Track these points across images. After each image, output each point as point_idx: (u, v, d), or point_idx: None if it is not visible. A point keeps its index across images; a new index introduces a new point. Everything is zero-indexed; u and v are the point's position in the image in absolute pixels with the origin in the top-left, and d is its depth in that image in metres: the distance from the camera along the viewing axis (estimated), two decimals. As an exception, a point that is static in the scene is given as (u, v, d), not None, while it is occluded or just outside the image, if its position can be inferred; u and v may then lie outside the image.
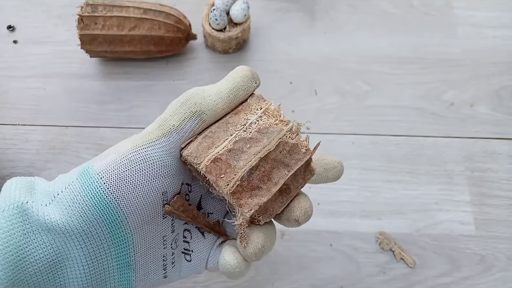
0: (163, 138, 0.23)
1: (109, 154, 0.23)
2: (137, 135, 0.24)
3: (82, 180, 0.22)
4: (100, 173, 0.22)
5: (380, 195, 0.41)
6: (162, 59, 0.47)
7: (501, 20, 0.50)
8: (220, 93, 0.24)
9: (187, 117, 0.23)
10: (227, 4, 0.44)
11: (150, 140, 0.23)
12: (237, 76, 0.24)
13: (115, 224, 0.22)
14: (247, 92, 0.24)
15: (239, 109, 0.24)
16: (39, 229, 0.21)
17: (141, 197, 0.22)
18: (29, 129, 0.43)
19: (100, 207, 0.22)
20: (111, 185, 0.22)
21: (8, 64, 0.46)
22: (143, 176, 0.22)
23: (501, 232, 0.40)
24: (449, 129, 0.44)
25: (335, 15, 0.50)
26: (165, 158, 0.23)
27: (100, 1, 0.42)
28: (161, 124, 0.23)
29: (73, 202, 0.21)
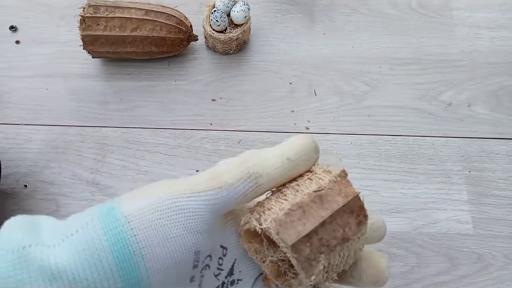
0: (210, 192, 0.20)
1: (141, 196, 0.19)
2: (180, 181, 0.20)
3: (105, 221, 0.18)
4: (129, 216, 0.18)
5: (379, 194, 0.42)
6: (164, 60, 0.47)
7: (498, 21, 0.50)
8: (280, 157, 0.21)
9: (243, 177, 0.21)
10: (227, 6, 0.44)
11: (195, 190, 0.20)
12: (298, 144, 0.22)
13: (134, 281, 0.18)
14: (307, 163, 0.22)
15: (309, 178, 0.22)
16: (40, 277, 0.17)
17: (172, 253, 0.19)
18: (32, 128, 0.44)
19: (122, 257, 0.18)
20: (140, 233, 0.18)
21: (10, 65, 0.47)
22: (179, 229, 0.19)
23: (498, 231, 0.41)
24: (447, 129, 0.45)
25: (334, 16, 0.50)
26: (206, 214, 0.20)
27: (102, 2, 0.43)
28: (213, 177, 0.20)
29: (90, 246, 0.17)
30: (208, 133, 0.44)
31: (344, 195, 0.21)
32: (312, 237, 0.20)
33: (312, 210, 0.20)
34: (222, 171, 0.21)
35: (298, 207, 0.20)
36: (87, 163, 0.42)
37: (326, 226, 0.20)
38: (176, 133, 0.44)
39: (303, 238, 0.19)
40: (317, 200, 0.20)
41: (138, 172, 0.42)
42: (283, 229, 0.19)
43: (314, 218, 0.20)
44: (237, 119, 0.45)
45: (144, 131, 0.44)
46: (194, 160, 0.43)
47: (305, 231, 0.19)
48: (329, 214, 0.20)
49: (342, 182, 0.21)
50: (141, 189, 0.20)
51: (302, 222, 0.20)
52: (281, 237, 0.19)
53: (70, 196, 0.41)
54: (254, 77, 0.47)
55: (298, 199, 0.20)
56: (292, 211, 0.20)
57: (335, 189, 0.21)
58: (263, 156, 0.21)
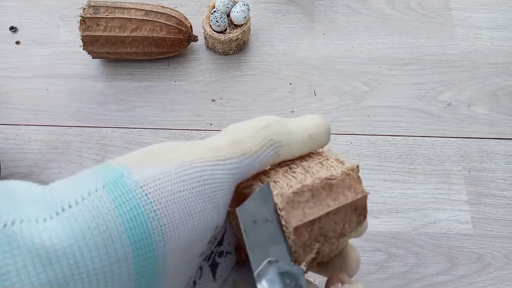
0: (235, 159, 0.18)
1: (154, 161, 0.16)
2: (199, 145, 0.18)
3: (114, 192, 0.15)
4: (145, 187, 0.15)
5: (378, 194, 0.42)
6: (164, 60, 0.47)
7: (498, 21, 0.50)
8: (304, 132, 0.20)
9: (265, 144, 0.19)
10: (227, 6, 0.44)
11: (219, 157, 0.18)
12: (321, 125, 0.21)
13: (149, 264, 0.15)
14: (322, 145, 0.22)
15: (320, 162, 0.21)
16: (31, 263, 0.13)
17: (195, 230, 0.16)
18: (32, 129, 0.44)
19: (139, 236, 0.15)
20: (161, 207, 0.15)
21: (10, 65, 0.47)
22: (204, 203, 0.16)
23: (498, 231, 0.41)
24: (447, 129, 0.45)
25: (334, 16, 0.50)
26: (231, 185, 0.18)
27: (102, 3, 0.43)
28: (236, 142, 0.18)
29: (97, 222, 0.14)
30: (208, 133, 0.44)
31: (354, 191, 0.20)
32: (314, 223, 0.19)
33: (320, 197, 0.19)
34: (245, 136, 0.19)
35: (308, 189, 0.19)
36: (87, 163, 0.42)
37: (330, 217, 0.20)
38: (176, 134, 0.44)
39: (307, 223, 0.19)
40: (327, 188, 0.20)
41: (138, 172, 0.42)
42: (289, 207, 0.18)
43: (322, 205, 0.19)
44: (237, 119, 0.45)
45: (144, 131, 0.44)
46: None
47: (311, 216, 0.19)
48: (336, 206, 0.20)
49: (354, 177, 0.21)
50: (147, 150, 0.17)
51: (309, 205, 0.19)
52: (286, 216, 0.18)
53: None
54: (254, 78, 0.47)
55: (309, 181, 0.19)
56: (301, 192, 0.19)
57: (346, 182, 0.20)
58: (287, 126, 0.20)
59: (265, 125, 0.19)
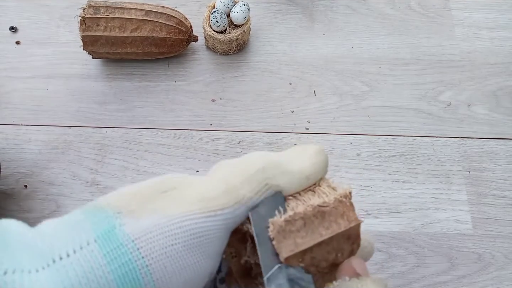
0: (227, 209, 0.17)
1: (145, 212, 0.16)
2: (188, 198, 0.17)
3: (106, 246, 0.15)
4: (137, 241, 0.15)
5: (378, 194, 0.42)
6: (164, 60, 0.47)
7: (498, 21, 0.50)
8: (301, 174, 0.20)
9: (261, 190, 0.18)
10: (227, 6, 0.44)
11: (211, 208, 0.17)
12: (319, 162, 0.21)
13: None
14: (319, 179, 0.21)
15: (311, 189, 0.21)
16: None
17: (189, 281, 0.16)
18: (32, 129, 0.44)
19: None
20: (153, 262, 0.15)
21: (10, 65, 0.47)
22: (196, 255, 0.16)
23: (498, 231, 0.41)
24: (447, 129, 0.45)
25: (334, 16, 0.50)
26: (224, 234, 0.18)
27: (102, 3, 0.43)
28: (229, 190, 0.18)
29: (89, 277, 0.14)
30: (208, 133, 0.44)
31: (347, 220, 0.20)
32: (306, 253, 0.19)
33: (313, 225, 0.19)
34: (238, 182, 0.18)
35: (300, 218, 0.19)
36: (87, 163, 0.42)
37: (323, 246, 0.19)
38: (176, 134, 0.44)
39: (298, 253, 0.18)
40: (320, 216, 0.19)
41: (138, 172, 0.42)
42: (281, 236, 0.18)
43: (314, 234, 0.19)
44: (237, 119, 0.45)
45: (144, 131, 0.44)
46: (194, 160, 0.43)
47: (302, 246, 0.18)
48: (329, 235, 0.19)
49: (347, 204, 0.20)
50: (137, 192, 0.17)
51: (301, 234, 0.19)
52: (277, 246, 0.18)
53: (70, 196, 0.41)
54: (254, 78, 0.47)
55: (301, 208, 0.19)
56: (293, 220, 0.19)
57: (339, 210, 0.20)
58: (282, 167, 0.19)
59: (260, 168, 0.19)
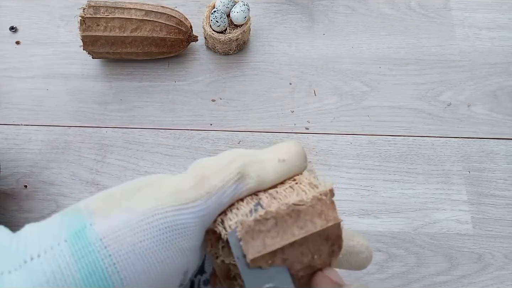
0: (199, 201, 0.17)
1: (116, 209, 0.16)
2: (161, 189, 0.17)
3: (75, 245, 0.15)
4: (105, 239, 0.15)
5: (378, 194, 0.42)
6: (164, 60, 0.47)
7: (498, 21, 0.50)
8: (273, 161, 0.19)
9: (232, 179, 0.18)
10: (227, 6, 0.44)
11: (182, 201, 0.17)
12: (292, 150, 0.20)
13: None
14: (297, 169, 0.20)
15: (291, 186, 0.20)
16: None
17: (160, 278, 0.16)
18: (32, 129, 0.44)
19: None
20: (121, 260, 0.15)
21: (10, 65, 0.47)
22: (167, 250, 0.16)
23: (498, 231, 0.41)
24: (447, 129, 0.45)
25: (334, 16, 0.50)
26: (197, 228, 0.17)
27: (102, 3, 0.43)
28: (199, 182, 0.18)
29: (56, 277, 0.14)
30: (208, 133, 0.44)
31: (325, 219, 0.19)
32: (276, 255, 0.17)
33: (285, 225, 0.18)
34: (209, 173, 0.18)
35: (272, 217, 0.18)
36: (87, 163, 0.42)
37: (295, 247, 0.18)
38: (176, 134, 0.44)
39: (267, 255, 0.17)
40: (294, 214, 0.18)
41: (138, 172, 0.42)
42: (249, 237, 0.17)
43: (286, 234, 0.18)
44: (237, 119, 0.45)
45: (144, 131, 0.44)
46: (194, 160, 0.43)
47: (271, 247, 0.17)
48: (302, 236, 0.18)
49: (327, 202, 0.19)
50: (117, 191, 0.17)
51: (271, 235, 0.18)
52: (244, 246, 0.17)
53: (70, 196, 0.41)
54: (254, 78, 0.47)
55: (274, 207, 0.18)
56: (264, 219, 0.18)
57: (316, 208, 0.19)
58: (255, 157, 0.19)
59: (231, 159, 0.19)
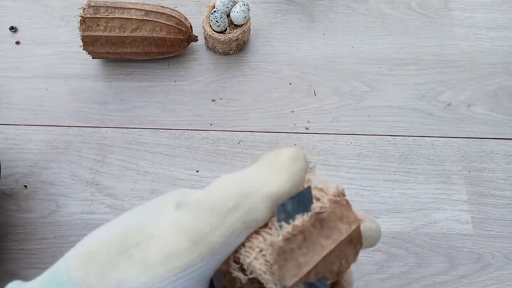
0: (200, 264, 0.15)
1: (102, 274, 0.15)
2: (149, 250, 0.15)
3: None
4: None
5: (378, 194, 0.42)
6: (164, 60, 0.47)
7: (498, 21, 0.50)
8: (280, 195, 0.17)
9: (237, 230, 0.15)
10: (227, 6, 0.44)
11: (179, 268, 0.15)
12: (296, 171, 0.17)
13: None
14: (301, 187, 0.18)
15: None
16: None
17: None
18: (32, 129, 0.44)
19: None
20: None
21: (10, 65, 0.47)
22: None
23: (498, 231, 0.41)
24: (447, 129, 0.45)
25: (334, 16, 0.50)
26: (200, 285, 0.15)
27: (102, 3, 0.43)
28: (196, 242, 0.15)
29: None
30: (208, 133, 0.44)
31: (347, 222, 0.18)
32: (310, 273, 0.16)
33: (313, 237, 0.16)
34: (208, 230, 0.15)
35: (299, 232, 0.16)
36: (87, 163, 0.42)
37: (326, 258, 0.17)
38: (176, 134, 0.44)
39: (304, 276, 0.16)
40: (318, 224, 0.17)
41: (138, 172, 0.42)
42: (282, 260, 0.15)
43: (316, 248, 0.16)
44: (237, 119, 0.45)
45: (144, 131, 0.44)
46: (194, 160, 0.43)
47: (306, 267, 0.16)
48: (331, 247, 0.17)
49: (343, 203, 0.18)
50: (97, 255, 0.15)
51: (302, 251, 0.16)
52: (279, 272, 0.15)
53: (70, 196, 0.41)
54: (254, 78, 0.47)
55: (298, 220, 0.16)
56: (293, 236, 0.16)
57: (336, 212, 0.18)
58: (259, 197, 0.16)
59: (233, 206, 0.16)
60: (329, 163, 0.43)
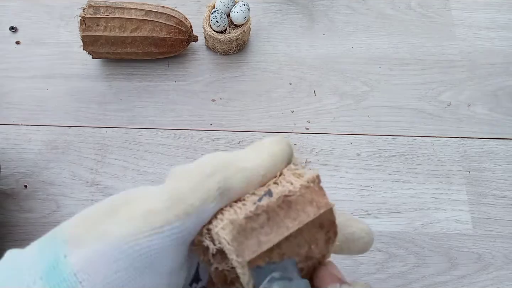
0: (176, 223, 0.16)
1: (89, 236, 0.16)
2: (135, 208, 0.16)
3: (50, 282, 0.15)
4: (79, 274, 0.15)
5: (378, 194, 0.42)
6: (164, 60, 0.47)
7: (497, 21, 0.50)
8: (257, 170, 0.18)
9: (212, 195, 0.17)
10: (227, 6, 0.44)
11: (156, 224, 0.16)
12: (277, 150, 0.19)
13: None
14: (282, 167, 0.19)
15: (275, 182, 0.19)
16: None
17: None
18: (32, 129, 0.44)
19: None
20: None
21: (10, 65, 0.47)
22: (144, 278, 0.16)
23: (498, 231, 0.41)
24: (447, 129, 0.45)
25: (334, 16, 0.50)
26: (174, 250, 0.16)
27: (102, 3, 0.43)
28: (174, 202, 0.16)
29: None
30: (208, 133, 0.44)
31: (316, 206, 0.18)
32: (273, 251, 0.17)
33: (277, 218, 0.17)
34: (186, 190, 0.17)
35: (263, 211, 0.17)
36: (87, 163, 0.42)
37: (291, 240, 0.17)
38: (176, 134, 0.44)
39: (263, 253, 0.16)
40: (285, 206, 0.17)
41: (138, 172, 0.42)
42: (242, 237, 0.16)
43: (280, 229, 0.17)
44: (237, 119, 0.45)
45: (144, 131, 0.44)
46: (194, 160, 0.43)
47: (267, 244, 0.16)
48: (296, 227, 0.17)
49: (315, 189, 0.18)
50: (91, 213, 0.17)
51: (265, 231, 0.17)
52: (238, 248, 0.16)
53: (70, 196, 0.41)
54: (254, 78, 0.47)
55: (265, 201, 0.17)
56: (255, 215, 0.17)
57: (306, 197, 0.18)
58: (236, 168, 0.18)
59: (210, 172, 0.17)
60: (329, 163, 0.43)
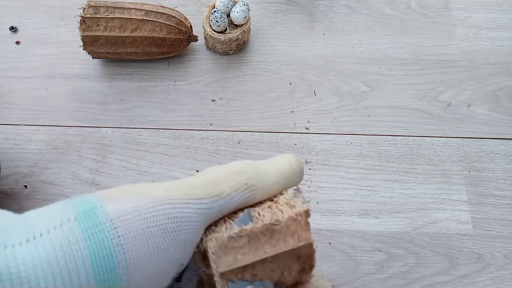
0: (207, 200, 0.18)
1: (128, 196, 0.17)
2: (171, 184, 0.19)
3: (85, 223, 0.15)
4: (115, 220, 0.16)
5: (378, 194, 0.42)
6: (164, 60, 0.47)
7: (498, 21, 0.50)
8: (280, 174, 0.21)
9: (240, 188, 0.20)
10: (227, 6, 0.44)
11: (191, 195, 0.18)
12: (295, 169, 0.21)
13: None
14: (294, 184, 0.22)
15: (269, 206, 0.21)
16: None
17: (160, 266, 0.16)
18: (32, 129, 0.44)
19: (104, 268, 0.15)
20: (128, 242, 0.15)
21: (10, 65, 0.47)
22: (171, 240, 0.17)
23: (498, 231, 0.41)
24: (447, 129, 0.45)
25: (334, 16, 0.50)
26: (199, 224, 0.18)
27: (102, 3, 0.43)
28: (209, 184, 0.19)
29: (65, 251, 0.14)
30: (208, 133, 0.44)
31: (297, 238, 0.20)
32: (246, 270, 0.19)
33: (258, 243, 0.19)
34: (220, 179, 0.19)
35: (246, 235, 0.19)
36: (87, 163, 0.42)
37: (266, 264, 0.19)
38: (176, 134, 0.44)
39: (237, 269, 0.18)
40: (268, 233, 0.19)
41: (138, 172, 0.42)
42: (221, 252, 0.19)
43: (257, 251, 0.19)
44: (237, 119, 0.45)
45: (144, 131, 0.44)
46: (194, 160, 0.43)
47: (241, 262, 0.18)
48: (273, 253, 0.19)
49: (301, 223, 0.20)
50: (124, 187, 0.18)
51: (243, 251, 0.19)
52: (216, 260, 0.18)
53: (70, 196, 0.41)
54: (254, 78, 0.47)
55: (249, 226, 0.19)
56: (238, 237, 0.19)
57: (290, 228, 0.20)
58: (261, 170, 0.21)
59: (240, 169, 0.20)
60: (329, 163, 0.43)
